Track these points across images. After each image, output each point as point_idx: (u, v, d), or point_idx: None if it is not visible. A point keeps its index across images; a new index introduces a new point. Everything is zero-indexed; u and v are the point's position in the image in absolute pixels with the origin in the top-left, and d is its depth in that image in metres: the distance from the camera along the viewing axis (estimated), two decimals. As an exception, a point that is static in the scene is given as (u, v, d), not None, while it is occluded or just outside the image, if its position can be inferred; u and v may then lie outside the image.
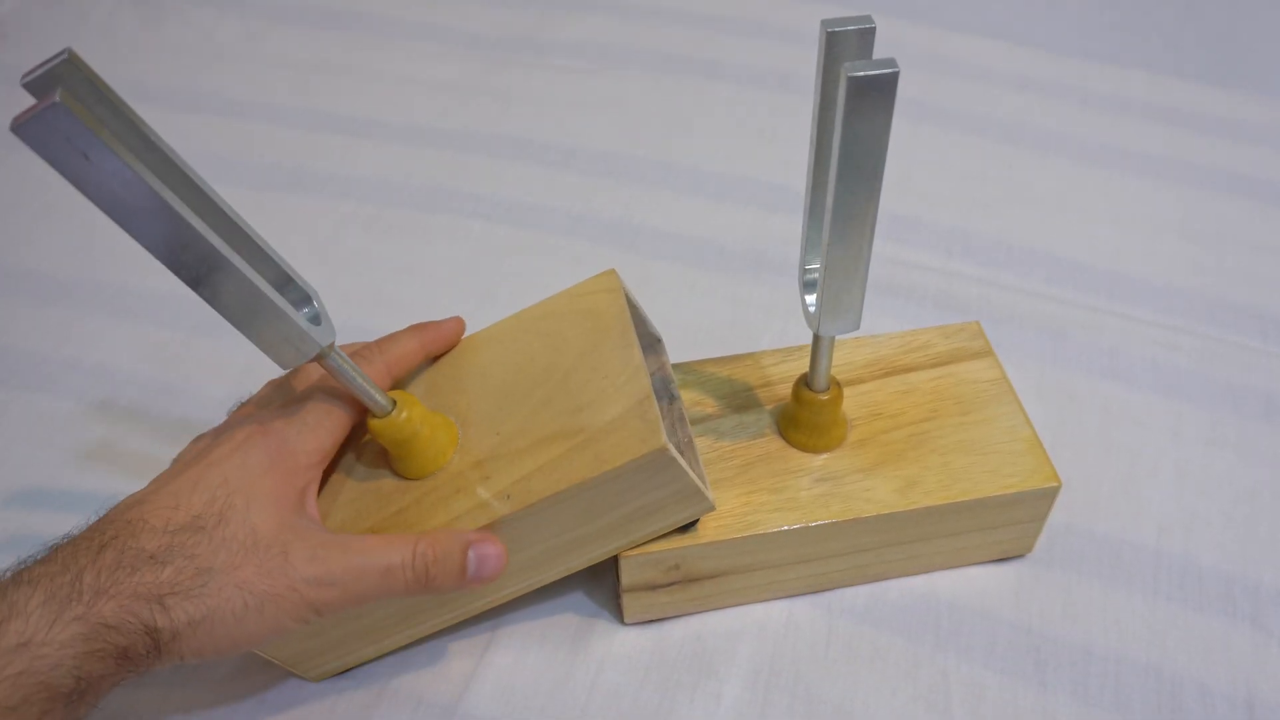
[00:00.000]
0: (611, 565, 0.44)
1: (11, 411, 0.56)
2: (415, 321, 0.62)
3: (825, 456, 0.45)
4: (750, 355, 0.50)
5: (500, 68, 0.81)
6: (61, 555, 0.34)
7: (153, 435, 0.55)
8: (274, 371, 0.57)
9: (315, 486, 0.40)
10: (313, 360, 0.36)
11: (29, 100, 0.29)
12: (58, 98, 0.27)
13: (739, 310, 0.61)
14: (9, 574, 0.33)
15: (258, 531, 0.36)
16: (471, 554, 0.38)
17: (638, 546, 0.42)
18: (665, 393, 0.46)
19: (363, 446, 0.44)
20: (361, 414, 0.41)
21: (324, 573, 0.36)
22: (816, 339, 0.42)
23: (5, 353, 0.59)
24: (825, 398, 0.43)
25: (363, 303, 0.61)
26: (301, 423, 0.40)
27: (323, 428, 0.40)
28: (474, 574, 0.38)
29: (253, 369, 0.57)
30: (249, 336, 0.35)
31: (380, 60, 0.82)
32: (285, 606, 0.36)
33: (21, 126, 0.27)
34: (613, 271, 0.45)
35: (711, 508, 0.41)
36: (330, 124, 0.75)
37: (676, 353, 0.53)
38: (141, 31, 0.85)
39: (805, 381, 0.44)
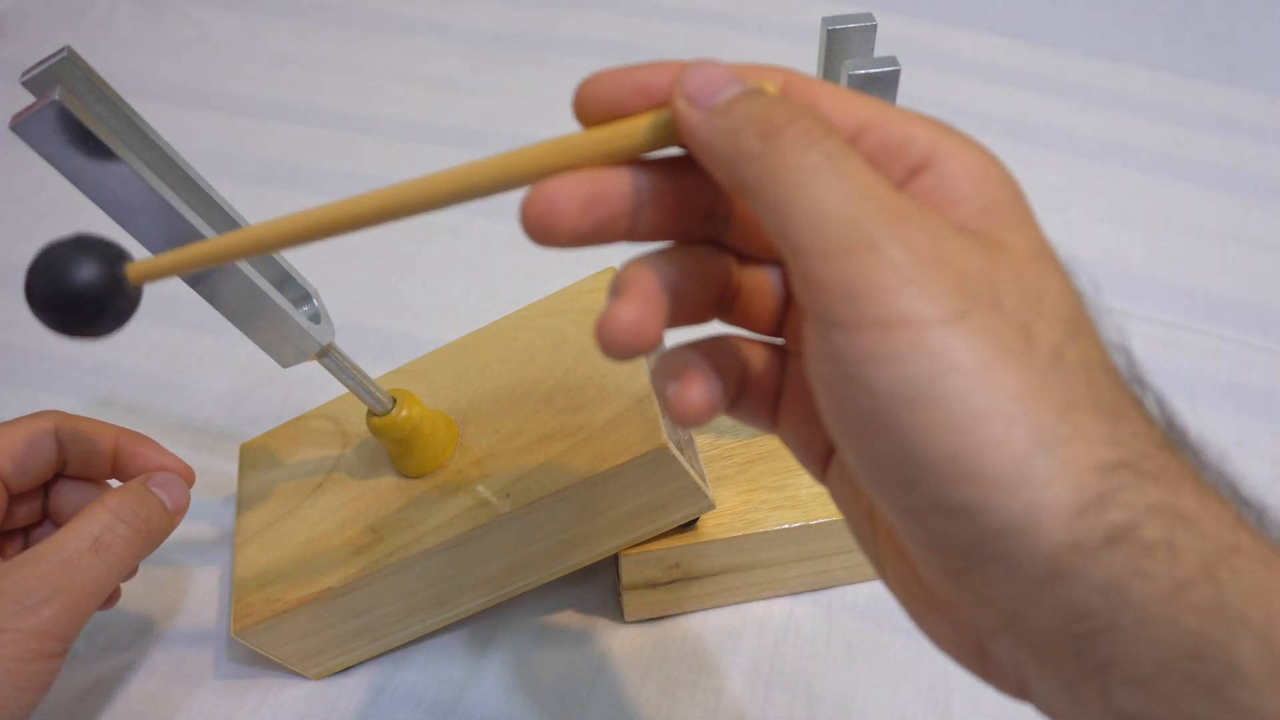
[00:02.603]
0: (612, 563, 0.44)
1: (12, 409, 0.56)
2: (412, 318, 0.62)
3: (826, 454, 0.45)
4: (751, 353, 0.50)
5: (500, 64, 0.81)
6: None
7: (153, 433, 0.54)
8: (274, 369, 0.57)
9: None
10: (312, 358, 0.36)
11: (28, 97, 0.29)
12: (56, 96, 0.27)
13: (739, 308, 0.61)
14: None
15: None
16: (156, 491, 0.37)
17: (638, 545, 0.41)
18: (665, 390, 0.46)
19: (362, 445, 0.44)
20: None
21: (24, 593, 0.31)
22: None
23: (5, 350, 0.59)
24: (826, 396, 0.43)
25: (362, 300, 0.61)
26: None
27: None
28: (173, 506, 0.37)
29: (253, 366, 0.57)
30: (248, 334, 0.35)
31: (379, 56, 0.82)
32: (10, 653, 0.31)
33: (20, 125, 0.27)
34: (613, 269, 0.45)
35: (712, 506, 0.41)
36: (329, 120, 0.75)
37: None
38: (140, 28, 0.85)
39: (806, 379, 0.44)
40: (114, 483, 0.41)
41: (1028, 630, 0.19)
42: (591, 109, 0.23)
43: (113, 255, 0.23)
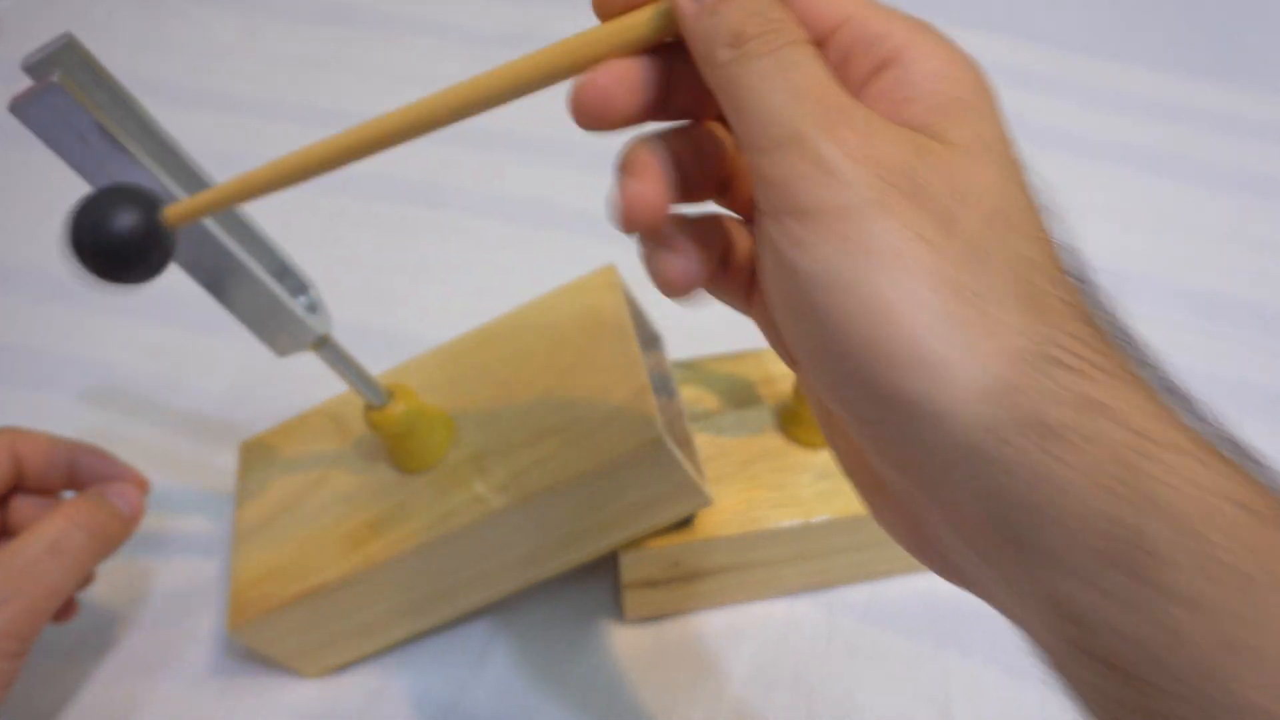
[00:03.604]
0: (611, 562, 0.44)
1: (11, 408, 0.56)
2: (411, 318, 0.62)
3: (827, 453, 0.45)
4: (752, 352, 0.50)
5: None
6: None
7: (152, 431, 0.54)
8: (273, 369, 0.57)
9: None
10: (309, 349, 0.36)
11: (27, 90, 0.29)
12: (56, 78, 0.26)
13: (739, 307, 0.61)
14: None
15: None
16: (111, 498, 0.38)
17: (637, 543, 0.41)
18: (663, 389, 0.46)
19: (360, 441, 0.43)
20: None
21: None
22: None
23: (4, 349, 0.59)
24: (826, 393, 0.43)
25: (360, 299, 0.61)
26: None
27: None
28: (129, 513, 0.38)
29: (253, 365, 0.57)
30: (244, 322, 0.34)
31: (379, 56, 0.82)
32: None
33: (19, 106, 0.27)
34: (612, 267, 0.45)
35: (709, 502, 0.41)
36: (328, 119, 0.75)
37: (678, 350, 0.53)
38: (140, 28, 0.85)
39: (806, 376, 0.44)
40: (70, 494, 0.42)
41: (954, 514, 0.20)
42: (608, 5, 0.24)
43: (150, 201, 0.24)
